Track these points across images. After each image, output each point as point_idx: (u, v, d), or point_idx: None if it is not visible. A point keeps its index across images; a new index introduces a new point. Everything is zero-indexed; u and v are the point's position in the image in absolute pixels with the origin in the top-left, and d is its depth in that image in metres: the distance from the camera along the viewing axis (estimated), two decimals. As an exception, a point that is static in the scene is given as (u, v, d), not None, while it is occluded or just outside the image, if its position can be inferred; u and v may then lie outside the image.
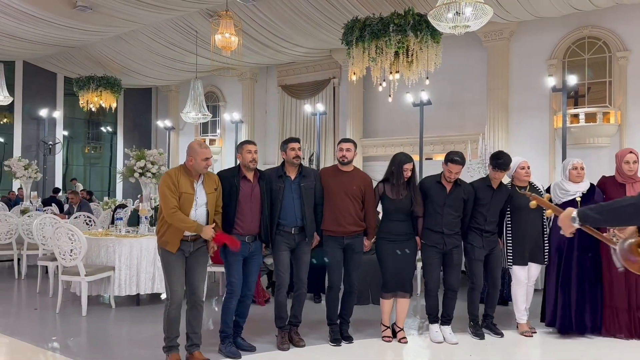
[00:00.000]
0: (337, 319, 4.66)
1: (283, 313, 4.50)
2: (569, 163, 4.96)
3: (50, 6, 13.23)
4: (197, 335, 4.09)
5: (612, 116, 12.44)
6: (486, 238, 4.75)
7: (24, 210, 9.00)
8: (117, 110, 20.94)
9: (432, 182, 4.70)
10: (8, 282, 7.55)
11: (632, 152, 4.81)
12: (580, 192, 4.81)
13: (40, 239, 6.88)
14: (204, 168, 4.02)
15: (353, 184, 4.56)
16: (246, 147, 4.33)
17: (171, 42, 16.00)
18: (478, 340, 4.71)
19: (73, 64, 18.55)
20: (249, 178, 4.31)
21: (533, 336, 4.82)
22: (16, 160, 10.61)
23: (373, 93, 15.23)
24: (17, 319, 5.63)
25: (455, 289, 4.73)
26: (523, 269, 4.84)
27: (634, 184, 4.75)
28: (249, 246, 4.29)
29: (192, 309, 4.09)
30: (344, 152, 4.59)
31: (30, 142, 19.76)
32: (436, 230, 4.58)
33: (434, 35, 9.48)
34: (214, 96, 20.46)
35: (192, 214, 3.95)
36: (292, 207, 4.42)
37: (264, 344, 4.53)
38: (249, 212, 4.25)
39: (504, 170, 4.75)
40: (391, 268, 4.58)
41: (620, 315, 4.70)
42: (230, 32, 10.58)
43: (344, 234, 4.52)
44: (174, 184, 3.91)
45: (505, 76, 13.80)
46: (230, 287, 4.27)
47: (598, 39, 12.80)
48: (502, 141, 13.42)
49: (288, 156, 4.52)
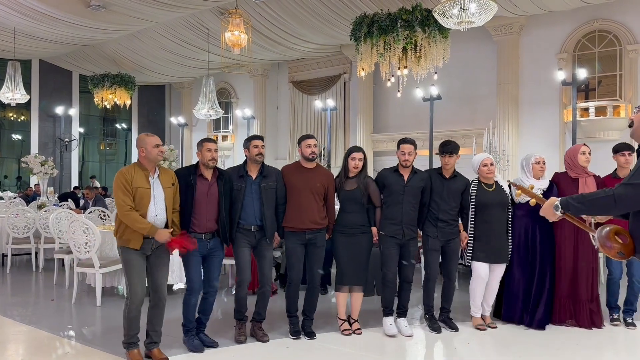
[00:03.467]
0: (297, 311, 4.65)
1: (242, 307, 4.50)
2: (532, 157, 4.97)
3: (65, 6, 13.49)
4: (157, 333, 4.07)
5: (622, 110, 12.39)
6: (441, 228, 4.70)
7: (41, 205, 9.26)
8: (132, 107, 21.27)
9: (389, 172, 4.71)
10: (26, 274, 7.80)
11: (585, 145, 5.01)
12: (542, 188, 4.87)
13: (56, 233, 7.10)
14: (157, 155, 3.97)
15: (317, 181, 4.54)
16: (206, 145, 4.26)
17: (183, 40, 16.21)
18: (435, 334, 4.71)
19: (88, 62, 18.86)
20: (206, 176, 4.26)
21: (487, 330, 4.82)
22: (33, 157, 10.87)
23: (383, 88, 15.29)
24: (35, 309, 5.84)
25: (409, 281, 4.72)
26: (483, 266, 4.81)
27: (586, 179, 4.88)
28: (207, 243, 4.25)
29: (155, 307, 4.05)
30: (312, 147, 4.57)
31: (46, 139, 20.15)
32: (395, 220, 4.57)
33: (442, 31, 9.53)
34: (226, 92, 20.67)
35: (152, 209, 3.91)
36: (252, 208, 4.40)
37: (270, 332, 4.64)
38: (205, 210, 4.20)
39: (450, 155, 4.71)
40: (346, 261, 4.58)
41: (568, 304, 4.84)
42: (240, 30, 10.73)
43: (305, 229, 4.51)
44: (127, 181, 3.86)
45: (515, 70, 13.78)
46: (189, 283, 4.26)
47: (608, 32, 12.74)
48: (512, 135, 13.44)
49: (251, 154, 4.46)
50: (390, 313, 4.73)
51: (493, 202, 4.79)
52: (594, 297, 4.87)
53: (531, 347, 4.44)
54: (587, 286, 4.83)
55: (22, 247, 8.12)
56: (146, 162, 3.97)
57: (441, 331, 4.74)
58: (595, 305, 4.86)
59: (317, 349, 4.40)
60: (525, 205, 4.83)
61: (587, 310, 4.82)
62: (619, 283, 5.00)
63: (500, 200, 4.82)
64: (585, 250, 4.83)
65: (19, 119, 20.19)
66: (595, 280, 4.93)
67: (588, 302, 4.83)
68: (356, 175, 4.60)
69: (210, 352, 4.28)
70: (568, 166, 5.01)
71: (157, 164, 4.06)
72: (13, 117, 20.14)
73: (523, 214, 4.88)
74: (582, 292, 4.82)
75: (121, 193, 3.84)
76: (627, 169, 4.97)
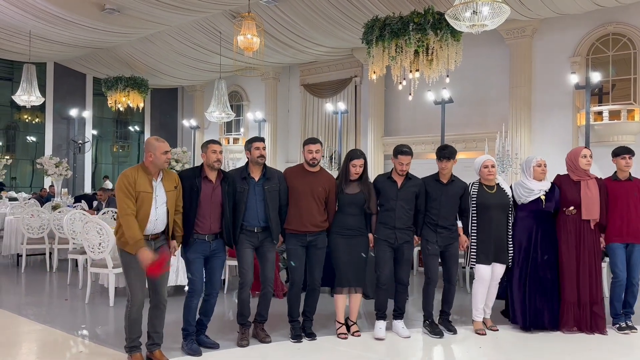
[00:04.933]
0: (299, 315, 4.63)
1: (245, 311, 4.47)
2: (533, 160, 4.96)
3: (80, 9, 13.67)
4: (158, 334, 4.03)
5: (636, 113, 12.27)
6: (440, 234, 4.70)
7: (55, 206, 9.36)
8: (144, 110, 21.46)
9: (384, 179, 4.74)
10: (40, 274, 7.89)
11: (586, 148, 5.01)
12: (544, 190, 4.85)
13: (70, 233, 7.18)
14: (164, 162, 3.92)
15: (319, 185, 4.53)
16: (211, 147, 4.22)
17: (196, 43, 16.33)
18: (437, 338, 4.66)
19: (102, 65, 19.07)
20: (211, 179, 4.22)
21: (487, 334, 4.78)
22: (48, 159, 11.00)
23: (394, 91, 15.28)
24: (49, 309, 5.91)
25: (405, 284, 4.74)
26: (486, 268, 4.80)
27: (588, 182, 4.85)
28: (210, 245, 4.22)
29: (155, 308, 4.02)
30: (314, 154, 4.54)
31: (60, 141, 20.38)
32: (389, 224, 4.59)
33: (454, 34, 9.51)
34: (238, 96, 20.77)
35: (153, 213, 3.86)
36: (255, 210, 4.37)
37: (276, 336, 4.62)
38: (209, 213, 4.17)
39: (448, 160, 4.70)
40: (345, 263, 4.57)
41: (573, 309, 4.79)
42: (252, 33, 10.79)
43: (306, 232, 4.51)
44: (129, 183, 3.80)
45: (528, 74, 13.71)
46: (191, 285, 4.23)
47: (623, 35, 12.64)
48: (525, 139, 13.37)
49: (252, 156, 4.44)
50: (382, 317, 4.72)
51: (494, 204, 4.78)
52: (598, 300, 4.82)
53: (532, 351, 4.42)
54: (591, 289, 4.79)
55: (37, 247, 8.22)
56: (152, 166, 3.91)
57: (443, 335, 4.71)
58: (599, 308, 4.80)
59: (318, 351, 4.40)
60: (527, 207, 4.84)
61: (590, 314, 4.77)
62: (624, 286, 4.94)
63: (501, 202, 4.80)
64: (588, 253, 4.80)
65: (33, 121, 20.45)
66: (599, 283, 4.89)
67: (591, 304, 4.78)
68: (357, 179, 4.62)
69: (210, 354, 4.24)
70: (570, 169, 4.99)
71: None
72: (28, 119, 20.41)
73: (525, 215, 4.87)
74: (585, 294, 4.78)
75: (123, 195, 3.79)
76: (627, 172, 4.98)
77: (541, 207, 4.83)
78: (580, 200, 4.79)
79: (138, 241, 3.76)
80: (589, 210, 4.77)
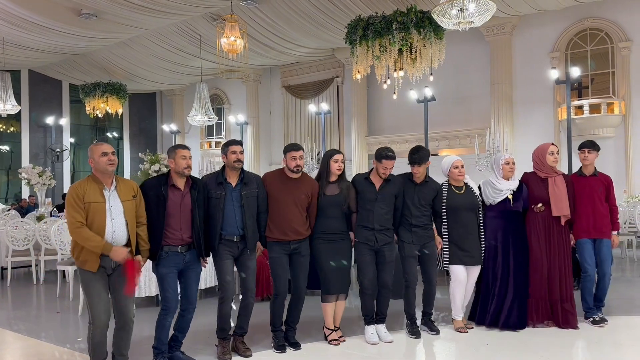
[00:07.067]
0: (281, 325, 4.47)
1: (226, 325, 4.23)
2: (501, 158, 4.94)
3: (56, 14, 13.40)
4: (124, 357, 3.78)
5: (616, 106, 12.52)
6: (415, 233, 4.66)
7: (40, 216, 9.14)
8: (123, 116, 21.13)
9: (362, 179, 4.63)
10: (27, 287, 7.69)
11: (553, 144, 4.99)
12: (512, 189, 4.85)
13: (58, 244, 7.01)
14: (107, 164, 3.59)
15: (302, 193, 4.34)
16: (180, 152, 3.93)
17: (175, 47, 16.17)
18: (414, 338, 4.66)
19: (78, 71, 18.74)
20: (179, 186, 3.94)
21: (468, 332, 4.80)
22: (31, 168, 10.74)
23: (377, 91, 15.33)
24: (41, 322, 5.75)
25: (388, 287, 4.64)
26: (461, 268, 4.78)
27: (555, 178, 4.86)
28: (183, 257, 3.94)
29: (121, 329, 3.75)
30: (298, 160, 4.31)
31: (37, 150, 19.97)
32: (368, 226, 4.50)
33: (437, 32, 9.55)
34: (218, 99, 20.61)
35: (109, 225, 3.57)
36: (234, 217, 4.13)
37: (257, 347, 4.43)
38: (179, 222, 3.90)
39: (419, 165, 4.66)
40: (331, 270, 4.45)
41: (543, 306, 4.83)
42: (236, 35, 10.70)
43: (289, 240, 4.33)
44: (77, 195, 3.53)
45: (509, 70, 13.88)
46: (165, 302, 3.94)
47: (600, 30, 12.88)
48: (507, 135, 13.52)
49: (229, 160, 4.18)
50: (371, 322, 4.65)
51: (463, 205, 4.76)
52: (569, 297, 4.83)
53: (510, 348, 4.42)
54: (561, 286, 4.81)
55: (22, 259, 8.00)
56: (98, 174, 3.62)
57: (420, 336, 4.69)
58: (570, 305, 4.82)
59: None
60: (496, 207, 4.84)
61: (561, 310, 4.79)
62: (594, 281, 4.99)
63: (470, 202, 4.79)
64: (557, 250, 4.82)
65: (8, 130, 19.99)
66: (569, 280, 4.91)
67: (562, 302, 4.80)
68: (337, 180, 4.52)
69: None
70: (537, 166, 4.97)
71: (115, 175, 3.73)
72: (2, 129, 19.94)
73: (494, 215, 4.86)
74: (555, 292, 4.81)
75: (71, 209, 3.52)
76: (588, 166, 5.00)
77: (509, 207, 4.82)
78: (548, 197, 4.79)
79: (104, 244, 3.51)
80: (559, 207, 4.77)
